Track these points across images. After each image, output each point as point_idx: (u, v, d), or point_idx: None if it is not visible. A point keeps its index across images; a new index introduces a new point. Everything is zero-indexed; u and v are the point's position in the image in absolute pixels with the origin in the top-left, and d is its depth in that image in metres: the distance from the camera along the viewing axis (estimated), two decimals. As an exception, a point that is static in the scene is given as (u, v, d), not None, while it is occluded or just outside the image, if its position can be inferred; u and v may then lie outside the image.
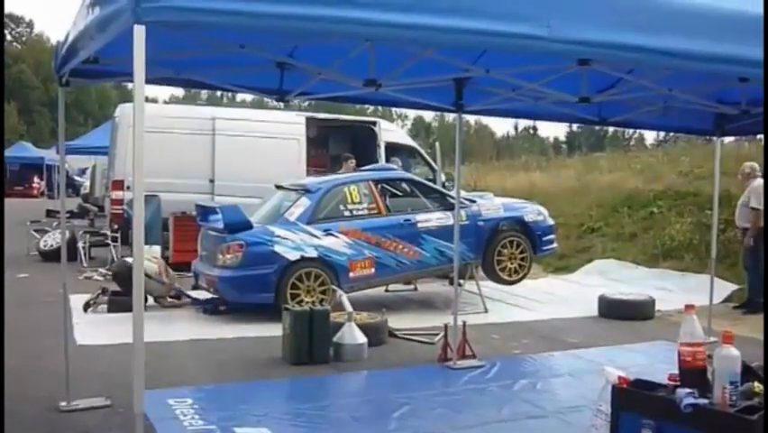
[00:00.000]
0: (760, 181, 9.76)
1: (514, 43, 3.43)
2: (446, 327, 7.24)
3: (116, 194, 13.11)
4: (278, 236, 8.88)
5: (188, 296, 9.74)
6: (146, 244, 4.31)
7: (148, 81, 3.11)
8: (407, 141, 15.87)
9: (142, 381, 3.19)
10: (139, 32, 2.93)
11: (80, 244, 13.36)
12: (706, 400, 3.50)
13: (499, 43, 3.49)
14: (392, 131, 15.62)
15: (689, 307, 3.75)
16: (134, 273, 3.23)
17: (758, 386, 3.61)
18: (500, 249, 10.22)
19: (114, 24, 3.19)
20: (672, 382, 3.66)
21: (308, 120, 14.27)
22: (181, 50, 4.76)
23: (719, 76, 5.02)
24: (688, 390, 3.52)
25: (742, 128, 7.77)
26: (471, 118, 52.02)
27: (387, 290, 11.01)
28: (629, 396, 3.81)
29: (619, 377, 3.89)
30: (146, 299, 8.72)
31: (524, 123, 75.49)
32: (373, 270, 9.38)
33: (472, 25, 3.31)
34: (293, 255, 8.83)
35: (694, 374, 3.61)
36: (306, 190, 9.57)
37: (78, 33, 4.10)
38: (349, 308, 7.58)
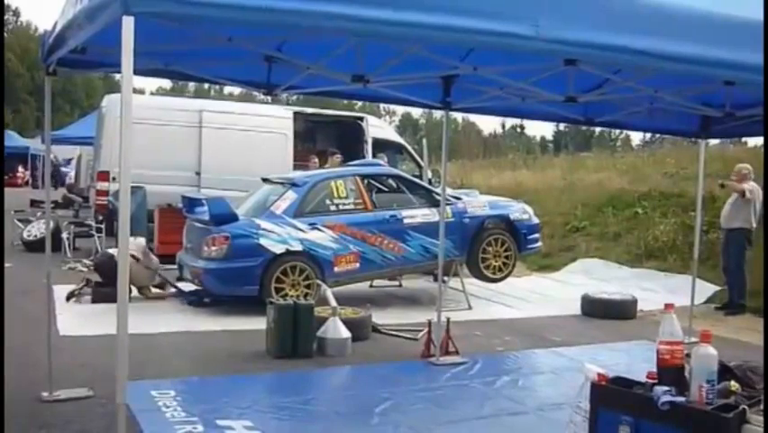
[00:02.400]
0: (753, 184, 9.85)
1: (501, 42, 3.45)
2: (430, 323, 7.27)
3: (102, 185, 13.05)
4: (264, 229, 8.88)
5: (174, 285, 9.73)
6: (131, 235, 4.29)
7: (135, 72, 3.10)
8: (395, 137, 15.89)
9: (125, 372, 3.20)
10: (127, 23, 2.93)
11: (64, 235, 13.29)
12: (683, 398, 3.54)
13: (487, 41, 3.51)
14: (380, 127, 15.65)
15: (668, 306, 3.79)
16: (119, 264, 3.24)
17: (734, 385, 3.67)
18: (485, 247, 10.28)
19: (103, 15, 3.19)
20: (650, 380, 3.71)
21: (296, 114, 14.26)
22: (169, 42, 4.75)
23: (704, 78, 5.06)
24: (665, 387, 3.56)
25: (727, 130, 7.85)
26: (459, 116, 52.10)
27: (371, 286, 11.04)
28: (608, 393, 3.85)
29: (598, 374, 3.93)
30: (130, 291, 8.71)
31: (511, 121, 75.68)
32: (358, 265, 9.40)
33: (460, 23, 3.32)
34: (278, 248, 8.84)
35: (672, 372, 3.66)
36: (292, 184, 9.57)
37: (66, 23, 4.09)
38: (333, 302, 7.59)
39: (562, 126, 63.79)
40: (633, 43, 3.57)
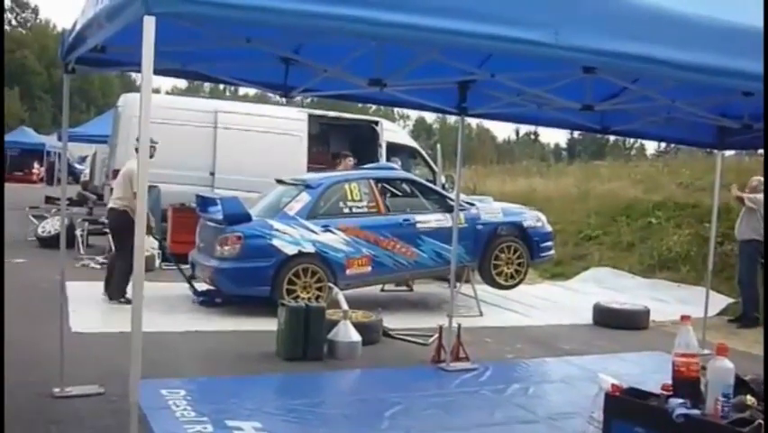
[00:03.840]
0: (759, 195, 9.79)
1: (520, 48, 3.44)
2: (441, 328, 7.25)
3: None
4: (277, 230, 8.89)
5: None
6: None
7: (154, 72, 3.11)
8: (409, 141, 15.88)
9: (139, 370, 3.20)
10: (149, 22, 2.94)
11: (78, 232, 13.34)
12: (698, 411, 3.51)
13: (506, 48, 3.49)
14: (394, 131, 15.64)
15: (684, 318, 3.76)
16: (135, 264, 3.24)
17: (751, 399, 3.63)
18: (498, 253, 10.24)
19: (124, 14, 3.20)
20: (665, 392, 3.68)
21: (310, 117, 14.29)
22: (188, 42, 4.76)
23: (723, 89, 5.03)
24: (680, 400, 3.54)
25: (743, 142, 7.79)
26: (473, 121, 52.03)
27: (382, 290, 11.03)
28: (622, 404, 3.83)
29: (613, 385, 3.91)
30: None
31: (525, 128, 75.49)
32: (370, 268, 9.39)
33: (479, 29, 3.32)
34: (291, 250, 8.84)
35: (687, 385, 3.63)
36: (306, 186, 9.58)
37: (87, 21, 4.11)
38: (344, 305, 7.58)
39: (576, 134, 63.73)
40: (652, 52, 3.56)
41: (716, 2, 3.82)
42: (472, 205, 10.34)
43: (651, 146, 56.32)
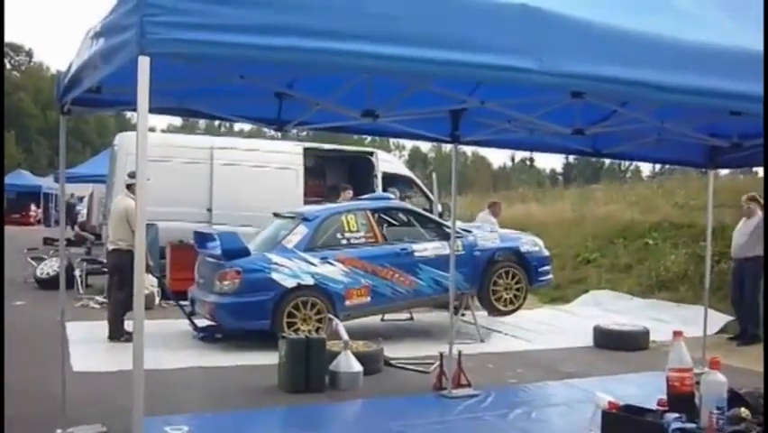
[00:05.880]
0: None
1: (505, 76, 3.48)
2: (442, 356, 7.26)
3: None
4: (276, 263, 8.93)
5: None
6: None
7: (149, 111, 3.17)
8: (404, 171, 15.98)
9: (141, 407, 3.20)
10: (143, 62, 3.00)
11: (77, 272, 13.36)
12: (693, 425, 3.54)
13: (491, 76, 3.53)
14: (389, 161, 15.74)
15: (677, 333, 3.81)
16: (135, 301, 3.27)
17: (745, 411, 3.66)
18: (496, 279, 10.28)
19: (120, 55, 3.26)
20: (660, 407, 3.71)
21: (306, 150, 14.38)
22: (182, 81, 4.82)
23: (711, 109, 5.10)
24: (676, 414, 3.57)
25: (734, 160, 7.86)
26: (468, 149, 52.28)
27: (383, 320, 11.04)
28: (619, 421, 3.85)
29: (609, 402, 3.94)
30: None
31: (520, 154, 75.66)
32: (369, 298, 9.42)
33: (465, 58, 3.36)
34: (290, 282, 8.88)
35: (682, 399, 3.67)
36: (303, 218, 9.64)
37: (82, 63, 4.18)
38: (345, 336, 7.60)
39: (571, 158, 63.88)
40: (637, 75, 3.61)
41: (701, 24, 3.89)
42: (469, 232, 10.39)
43: (646, 168, 56.55)
